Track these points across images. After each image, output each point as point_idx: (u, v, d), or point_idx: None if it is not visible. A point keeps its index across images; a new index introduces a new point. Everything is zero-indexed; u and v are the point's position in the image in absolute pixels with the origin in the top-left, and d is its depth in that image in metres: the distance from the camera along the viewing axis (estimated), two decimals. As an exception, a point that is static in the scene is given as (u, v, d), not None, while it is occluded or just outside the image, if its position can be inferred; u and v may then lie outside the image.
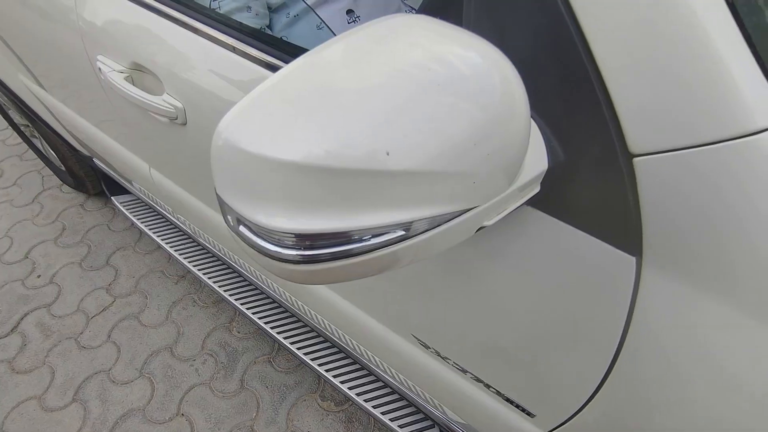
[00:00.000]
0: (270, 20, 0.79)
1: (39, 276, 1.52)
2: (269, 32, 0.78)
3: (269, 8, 0.78)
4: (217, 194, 0.33)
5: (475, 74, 0.30)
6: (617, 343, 0.43)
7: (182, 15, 0.69)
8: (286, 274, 0.33)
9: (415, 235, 0.32)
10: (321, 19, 0.78)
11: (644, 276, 0.40)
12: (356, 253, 0.31)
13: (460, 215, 0.34)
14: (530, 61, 0.38)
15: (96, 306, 1.43)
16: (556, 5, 0.36)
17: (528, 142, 0.34)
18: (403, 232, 0.31)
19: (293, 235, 0.30)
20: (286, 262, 0.32)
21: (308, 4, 0.79)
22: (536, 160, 0.39)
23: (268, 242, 0.31)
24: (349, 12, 0.81)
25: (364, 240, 0.31)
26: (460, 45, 0.31)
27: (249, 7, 0.74)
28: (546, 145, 0.40)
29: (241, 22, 0.70)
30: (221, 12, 0.73)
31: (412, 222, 0.31)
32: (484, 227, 0.39)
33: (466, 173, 0.31)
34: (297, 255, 0.31)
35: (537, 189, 0.41)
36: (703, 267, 0.37)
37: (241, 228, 0.32)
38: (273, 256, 0.32)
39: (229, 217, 0.33)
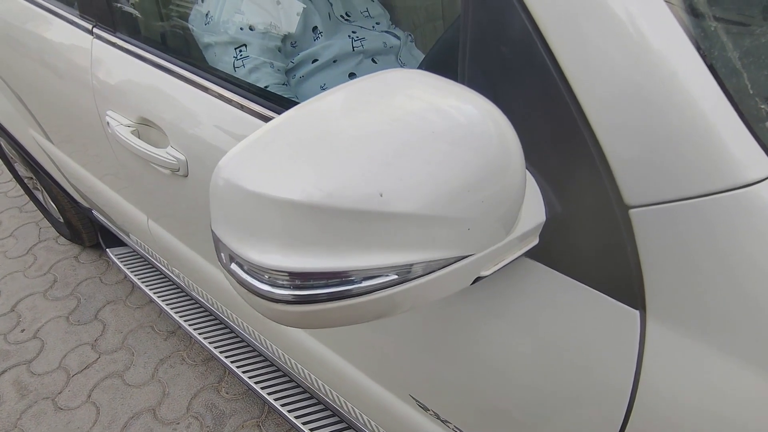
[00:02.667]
0: None
1: (23, 330, 1.47)
2: (287, 87, 0.83)
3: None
4: (212, 230, 0.33)
5: (470, 124, 0.31)
6: (627, 402, 0.41)
7: (190, 74, 0.73)
8: (276, 316, 0.32)
9: (408, 281, 0.32)
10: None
11: (650, 330, 0.39)
12: (347, 296, 0.31)
13: (455, 262, 0.34)
14: (524, 116, 0.40)
15: (79, 363, 1.37)
16: (546, 67, 0.38)
17: (524, 192, 0.35)
18: (396, 276, 0.31)
19: (284, 273, 0.29)
20: (275, 301, 0.31)
21: (314, 66, 0.84)
22: (533, 211, 0.40)
23: (260, 281, 0.31)
24: (351, 75, 0.86)
25: (356, 282, 0.30)
26: (456, 97, 0.33)
27: (272, 64, 0.79)
28: (543, 198, 0.41)
29: (247, 82, 0.74)
30: (245, 69, 0.78)
31: (404, 266, 0.31)
32: (482, 278, 0.38)
33: (460, 219, 0.31)
34: (287, 294, 0.30)
35: (535, 241, 0.41)
36: (705, 320, 0.36)
37: (233, 266, 0.32)
38: (264, 295, 0.31)
39: (222, 254, 0.33)
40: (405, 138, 0.29)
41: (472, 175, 0.30)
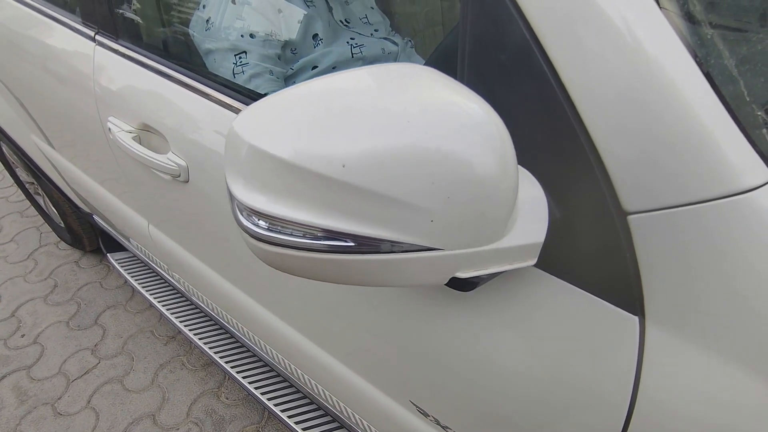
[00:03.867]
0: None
1: (23, 335, 1.47)
2: None
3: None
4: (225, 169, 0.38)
5: (461, 124, 0.32)
6: (627, 409, 0.41)
7: (191, 80, 0.73)
8: (254, 250, 0.38)
9: (364, 252, 0.34)
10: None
11: (649, 336, 0.39)
12: (306, 248, 0.35)
13: (418, 251, 0.35)
14: (522, 123, 0.40)
15: (79, 368, 1.37)
16: (544, 74, 0.38)
17: (510, 204, 0.35)
18: (352, 244, 0.34)
19: (252, 210, 0.34)
20: (250, 235, 0.36)
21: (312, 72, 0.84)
22: (531, 229, 0.39)
23: (240, 213, 0.36)
24: None
25: (318, 239, 0.34)
26: (458, 95, 0.33)
27: (271, 71, 0.80)
28: (549, 220, 0.40)
29: (249, 89, 0.74)
30: (245, 76, 0.78)
31: (360, 236, 0.34)
32: (476, 283, 0.38)
33: (419, 208, 0.32)
34: (257, 231, 0.35)
35: (532, 261, 0.40)
36: (704, 325, 0.36)
37: (234, 202, 0.37)
38: (242, 226, 0.36)
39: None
40: (380, 123, 0.32)
41: (436, 169, 0.32)
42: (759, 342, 0.34)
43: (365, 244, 0.34)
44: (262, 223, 0.35)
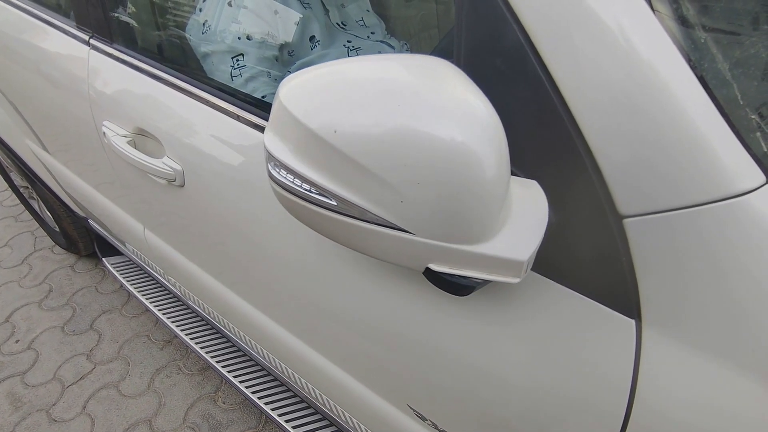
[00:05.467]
0: None
1: (17, 341, 1.45)
2: None
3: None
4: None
5: (453, 116, 0.33)
6: (624, 412, 0.41)
7: (187, 84, 0.73)
8: (273, 189, 0.43)
9: (341, 213, 0.38)
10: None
11: (645, 339, 0.39)
12: (300, 196, 0.39)
13: (390, 228, 0.37)
14: (517, 126, 0.40)
15: (74, 374, 1.35)
16: (539, 78, 0.38)
17: (492, 209, 0.35)
18: (334, 203, 0.38)
19: (272, 156, 0.39)
20: (269, 176, 0.41)
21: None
22: (517, 244, 0.37)
23: (268, 162, 0.41)
24: None
25: (309, 191, 0.38)
26: (464, 89, 0.34)
27: (269, 73, 0.80)
28: (540, 243, 0.38)
29: (245, 93, 0.74)
30: (242, 78, 0.78)
31: (339, 197, 0.37)
32: (472, 288, 0.38)
33: (391, 186, 0.35)
34: (272, 173, 0.40)
35: (514, 279, 0.38)
36: (700, 328, 0.36)
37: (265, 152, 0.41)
38: (268, 170, 0.41)
39: None
40: (373, 101, 0.34)
41: (414, 153, 0.33)
42: (755, 345, 0.34)
43: (345, 206, 0.37)
44: (277, 168, 0.40)
